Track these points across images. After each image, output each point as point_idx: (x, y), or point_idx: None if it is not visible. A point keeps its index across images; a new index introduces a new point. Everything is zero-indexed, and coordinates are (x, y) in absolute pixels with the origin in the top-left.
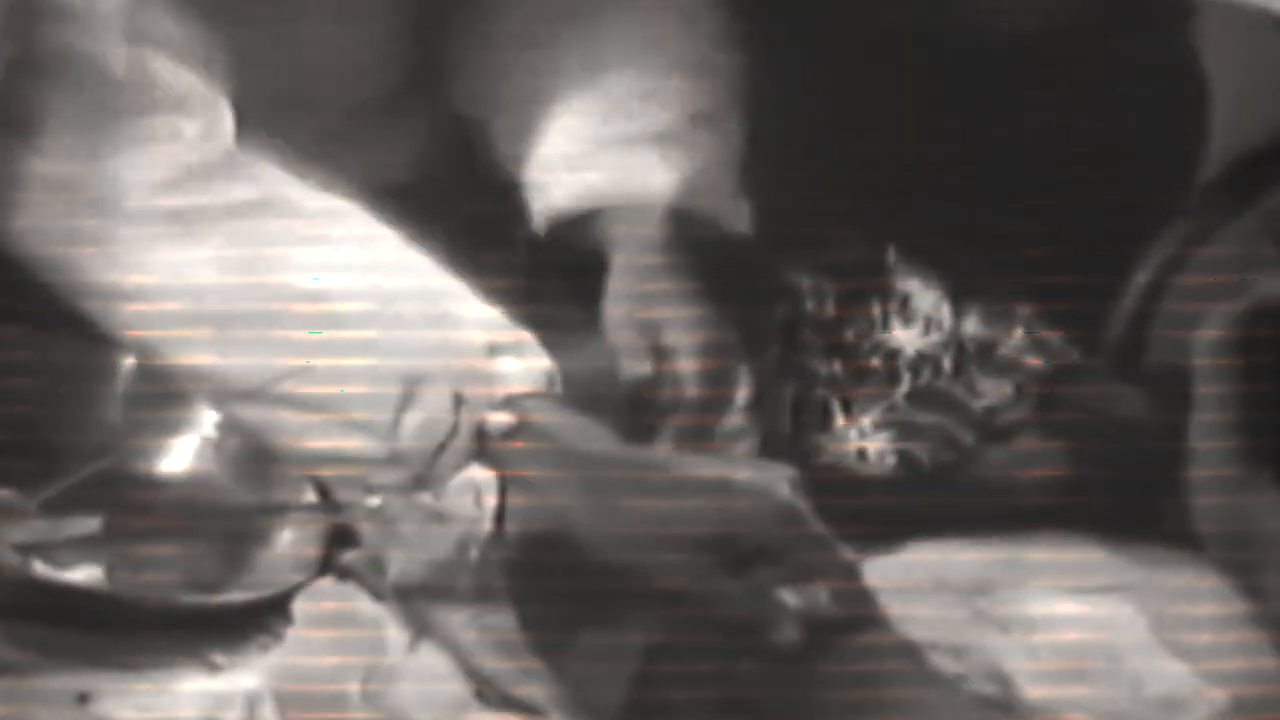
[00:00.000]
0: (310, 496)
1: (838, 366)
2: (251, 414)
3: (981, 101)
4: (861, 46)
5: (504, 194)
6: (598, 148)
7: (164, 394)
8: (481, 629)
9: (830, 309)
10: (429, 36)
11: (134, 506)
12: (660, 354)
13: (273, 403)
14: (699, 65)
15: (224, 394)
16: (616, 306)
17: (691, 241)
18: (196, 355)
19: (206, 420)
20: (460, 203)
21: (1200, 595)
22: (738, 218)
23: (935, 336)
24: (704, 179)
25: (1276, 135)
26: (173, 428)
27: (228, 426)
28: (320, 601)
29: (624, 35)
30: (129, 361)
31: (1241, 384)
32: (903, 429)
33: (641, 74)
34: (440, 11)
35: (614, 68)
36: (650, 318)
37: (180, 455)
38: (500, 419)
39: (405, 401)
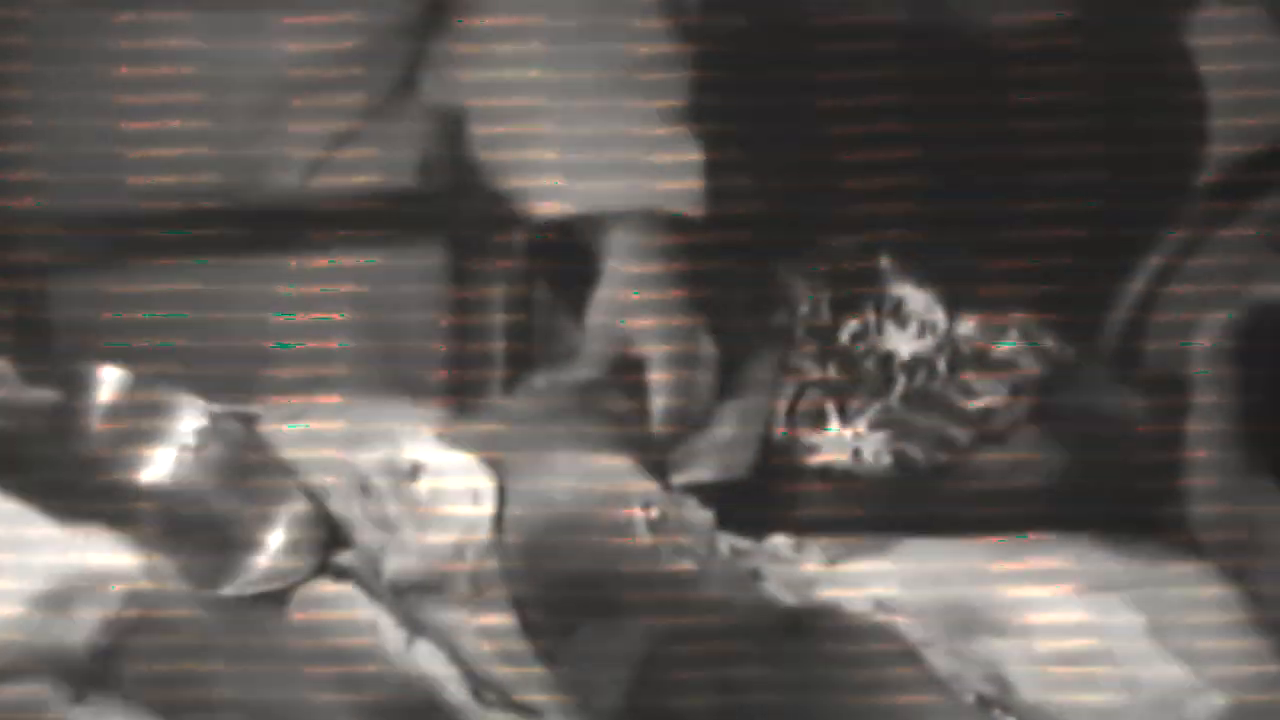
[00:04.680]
0: (299, 500)
1: (832, 370)
2: None
3: (977, 108)
4: (856, 49)
5: (498, 199)
6: (592, 151)
7: (142, 403)
8: (478, 629)
9: (825, 313)
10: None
11: (119, 516)
12: (629, 363)
13: None
14: (688, 63)
15: None
16: (599, 314)
17: (684, 246)
18: None
19: (185, 429)
20: (456, 208)
21: (1198, 599)
22: (730, 222)
23: (929, 340)
24: (696, 184)
25: (1273, 141)
26: (151, 437)
27: (207, 434)
28: (317, 601)
29: (604, 30)
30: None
31: (1238, 392)
32: (898, 430)
33: (628, 70)
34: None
35: (599, 64)
36: (629, 326)
37: (161, 465)
38: None
39: None
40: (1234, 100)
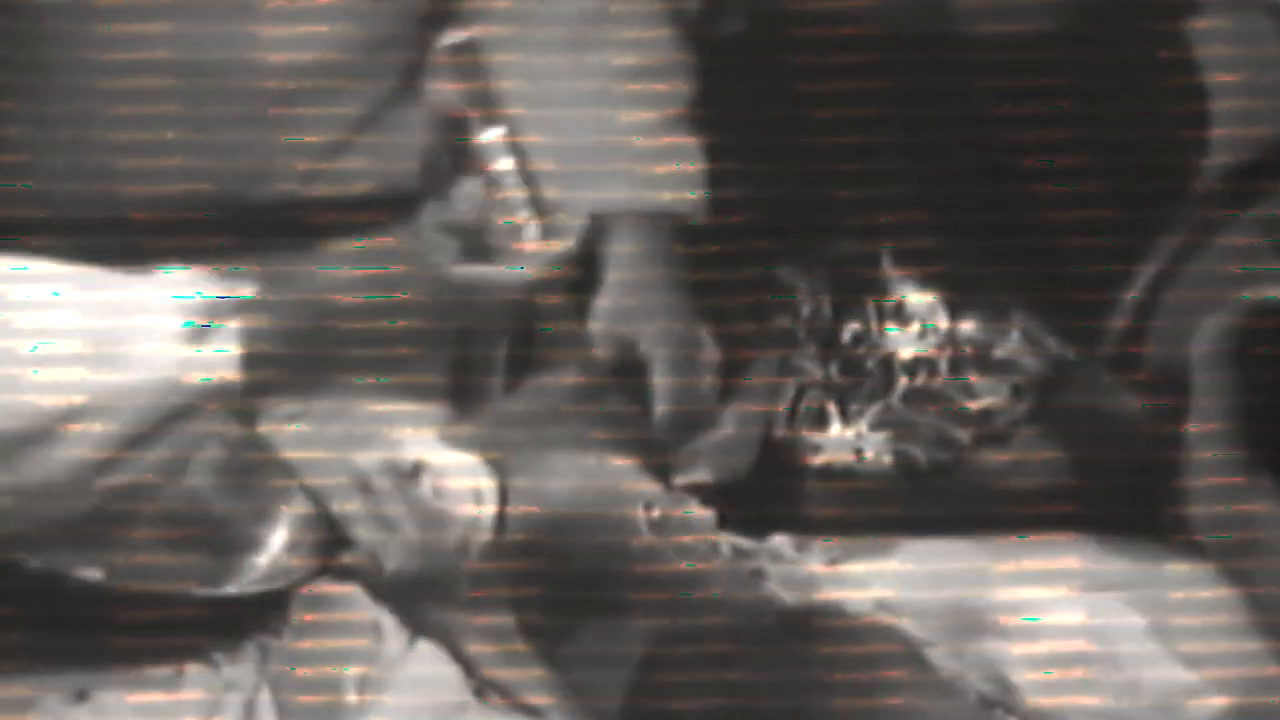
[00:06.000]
0: (301, 500)
1: (834, 371)
2: None
3: (978, 116)
4: (858, 51)
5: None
6: (593, 157)
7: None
8: (479, 629)
9: (826, 315)
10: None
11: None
12: (632, 367)
13: None
14: (689, 69)
15: None
16: (601, 318)
17: (686, 250)
18: None
19: (188, 429)
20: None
21: (1199, 601)
22: (731, 226)
23: (930, 339)
24: (697, 189)
25: (1273, 144)
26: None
27: (208, 435)
28: (319, 599)
29: (603, 34)
30: None
31: (1239, 394)
32: (899, 431)
33: (629, 78)
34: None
35: (600, 71)
36: (631, 330)
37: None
38: None
39: None
40: (1233, 110)
